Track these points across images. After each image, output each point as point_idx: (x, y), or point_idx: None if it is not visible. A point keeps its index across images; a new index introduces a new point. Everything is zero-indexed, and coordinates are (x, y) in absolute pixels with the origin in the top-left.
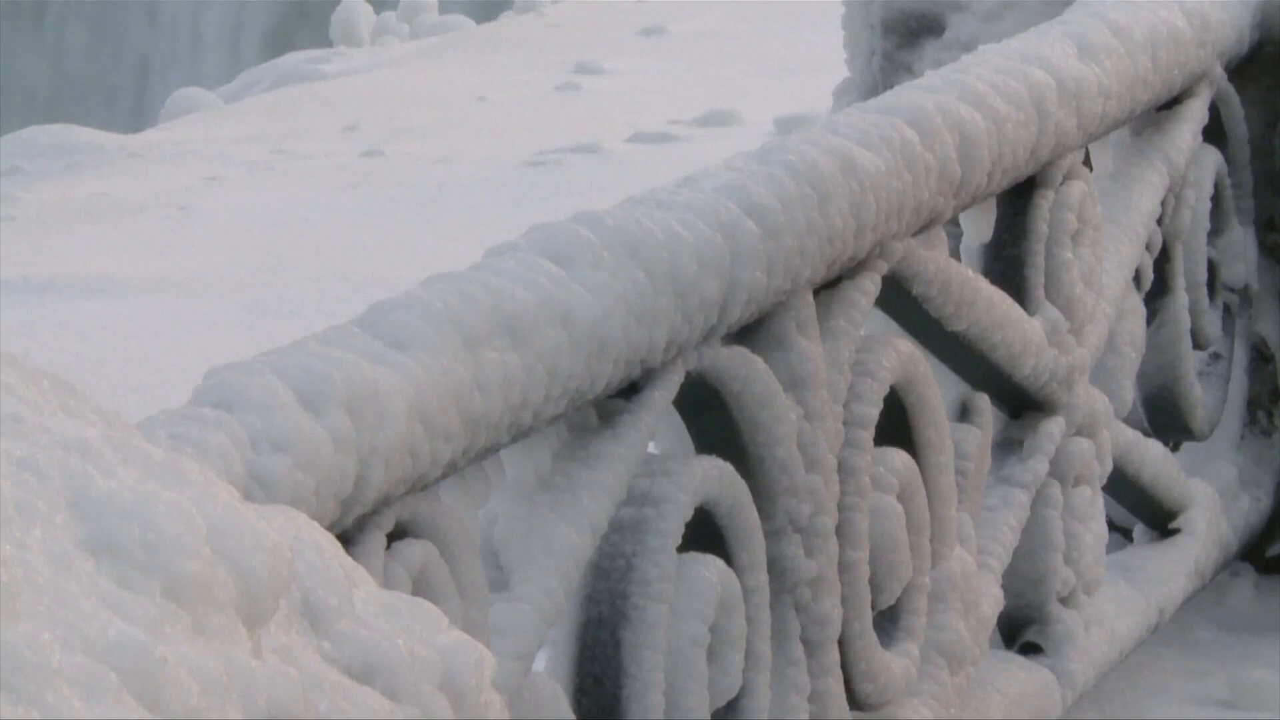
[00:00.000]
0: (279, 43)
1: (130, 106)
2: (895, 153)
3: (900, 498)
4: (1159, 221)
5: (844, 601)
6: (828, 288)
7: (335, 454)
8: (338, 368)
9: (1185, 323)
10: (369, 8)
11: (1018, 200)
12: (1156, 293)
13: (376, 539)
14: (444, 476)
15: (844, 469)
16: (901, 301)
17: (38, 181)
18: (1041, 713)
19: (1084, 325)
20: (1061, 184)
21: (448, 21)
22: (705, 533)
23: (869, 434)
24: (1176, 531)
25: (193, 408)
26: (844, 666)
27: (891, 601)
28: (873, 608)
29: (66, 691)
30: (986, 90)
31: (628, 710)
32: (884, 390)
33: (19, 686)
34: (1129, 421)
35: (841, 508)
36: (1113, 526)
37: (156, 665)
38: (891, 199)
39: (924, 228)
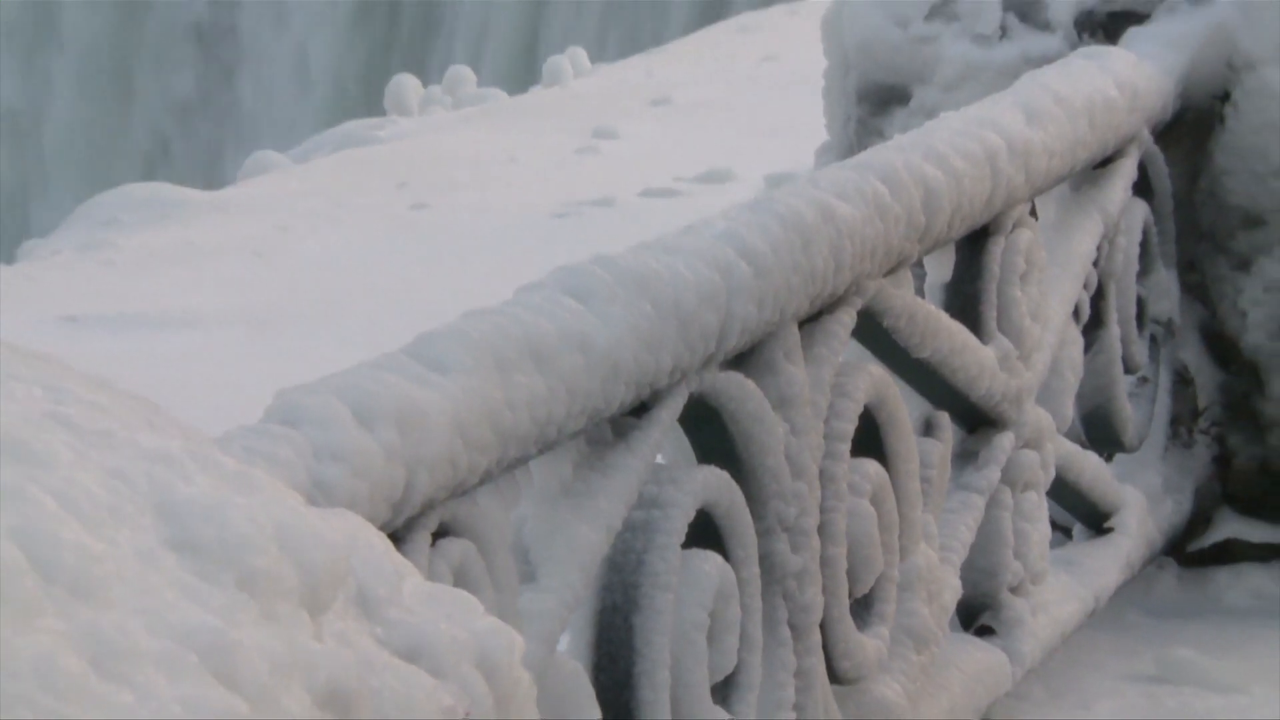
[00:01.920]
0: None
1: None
2: (869, 204)
3: (873, 501)
4: (1095, 264)
5: (825, 591)
6: (810, 320)
7: (386, 464)
8: (388, 389)
9: (1117, 351)
10: (417, 81)
11: (974, 245)
12: (1093, 325)
13: (422, 538)
14: (480, 483)
15: (825, 477)
16: (874, 332)
17: (133, 231)
18: (995, 687)
19: (1031, 353)
20: (1011, 231)
21: (485, 93)
22: (705, 532)
23: (846, 446)
24: (1110, 530)
25: (263, 424)
26: (825, 647)
27: (866, 591)
28: (850, 596)
29: (153, 671)
30: (947, 150)
31: (639, 685)
32: (859, 409)
33: (112, 668)
34: (1069, 435)
35: (823, 510)
36: (1056, 526)
37: (231, 647)
38: (865, 244)
39: (893, 269)
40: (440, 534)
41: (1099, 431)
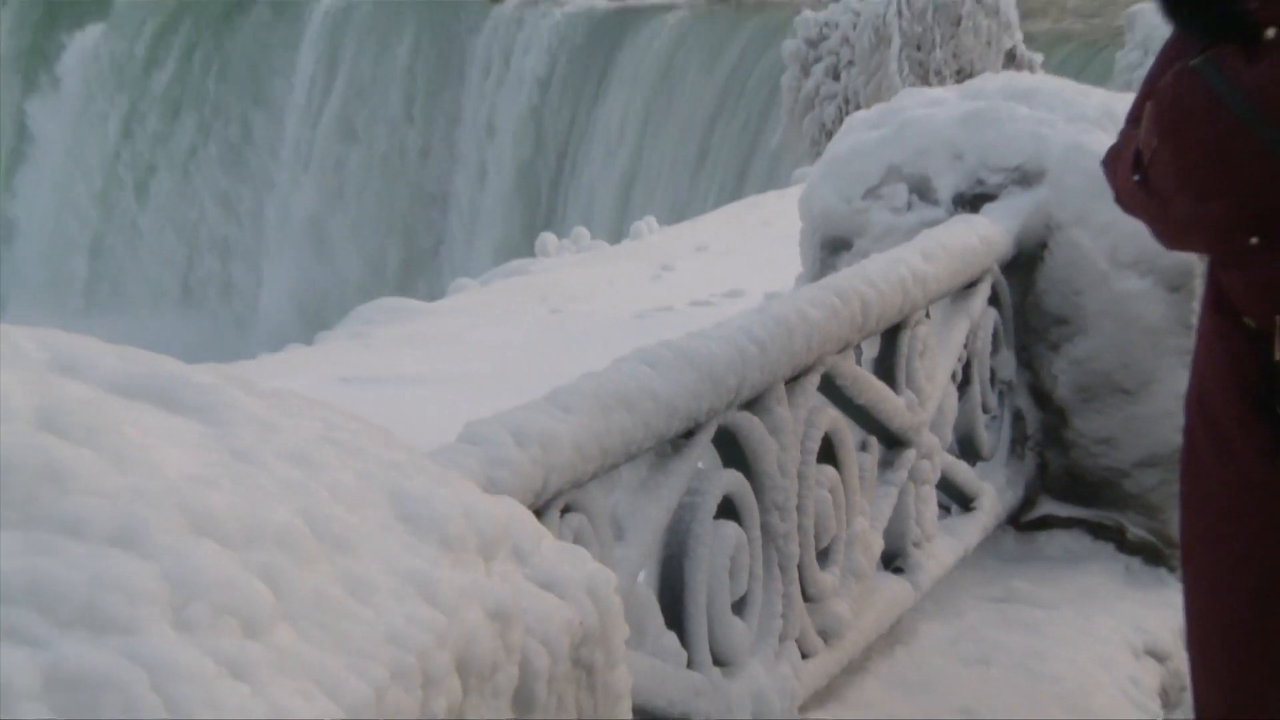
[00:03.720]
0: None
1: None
2: (828, 310)
3: (830, 491)
4: (965, 347)
5: (800, 546)
6: (792, 381)
7: (532, 469)
8: (534, 422)
9: (978, 400)
10: (554, 236)
11: (892, 335)
12: (964, 384)
13: (554, 514)
14: (590, 480)
15: (801, 476)
16: (831, 388)
17: (383, 326)
18: (903, 605)
19: (926, 400)
20: (914, 327)
21: (595, 244)
22: (728, 510)
23: (814, 457)
24: (974, 509)
25: (457, 444)
26: (800, 580)
27: (825, 546)
28: (815, 549)
29: (387, 597)
30: (876, 278)
31: (687, 604)
32: (821, 435)
33: (361, 595)
34: (950, 451)
35: (800, 497)
36: (941, 506)
37: (435, 582)
38: (826, 334)
39: (843, 349)
40: (565, 511)
41: (967, 449)
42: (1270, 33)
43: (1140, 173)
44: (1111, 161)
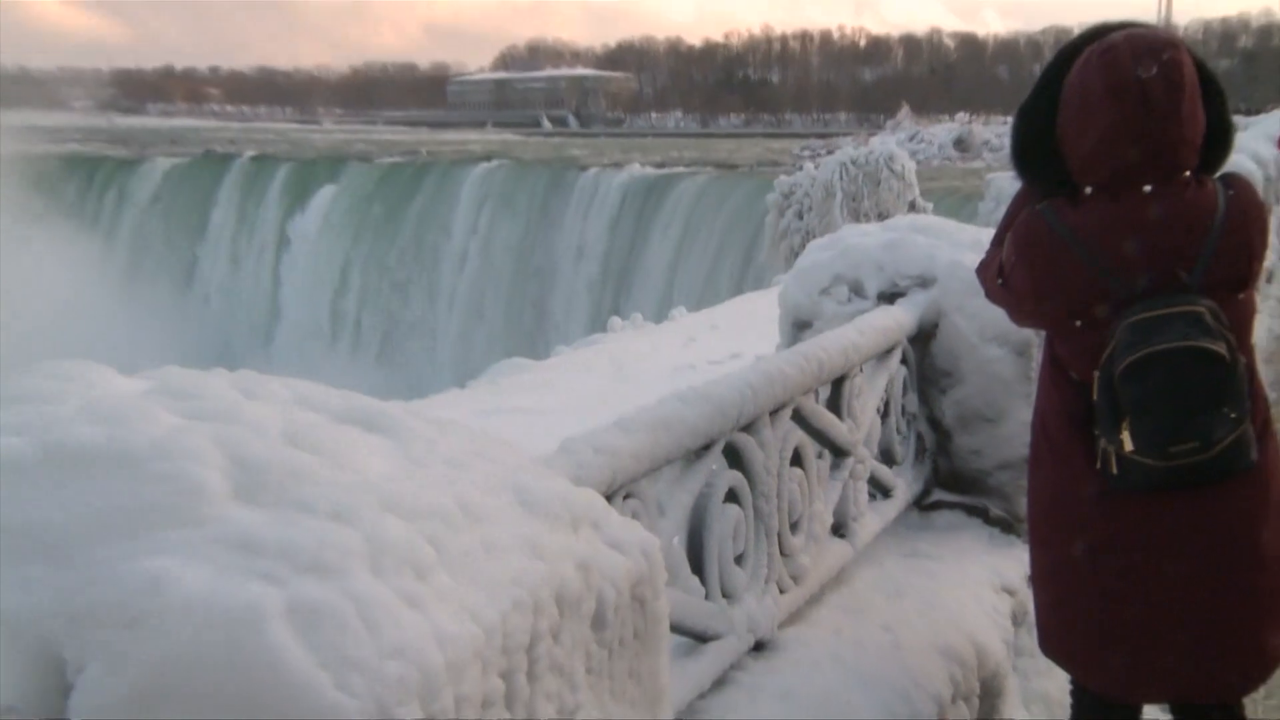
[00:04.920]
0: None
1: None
2: (797, 367)
3: (798, 485)
4: (886, 390)
5: (779, 521)
6: (774, 412)
7: (604, 470)
8: (606, 439)
9: (895, 425)
10: (619, 318)
11: (838, 383)
12: (885, 415)
13: (619, 499)
14: (643, 477)
15: (779, 475)
16: (800, 418)
17: (506, 376)
18: (845, 559)
19: (861, 425)
20: (853, 377)
21: (645, 324)
22: (732, 497)
23: (788, 463)
24: (891, 496)
25: (556, 453)
26: (779, 543)
27: (795, 520)
28: (789, 522)
29: (511, 554)
30: (828, 345)
31: (706, 559)
32: (793, 448)
33: (493, 552)
34: (876, 458)
35: (779, 488)
36: (870, 495)
37: (541, 544)
38: (796, 383)
39: (807, 392)
40: (625, 497)
41: (887, 457)
42: (1087, 190)
43: (1003, 278)
44: (983, 270)
